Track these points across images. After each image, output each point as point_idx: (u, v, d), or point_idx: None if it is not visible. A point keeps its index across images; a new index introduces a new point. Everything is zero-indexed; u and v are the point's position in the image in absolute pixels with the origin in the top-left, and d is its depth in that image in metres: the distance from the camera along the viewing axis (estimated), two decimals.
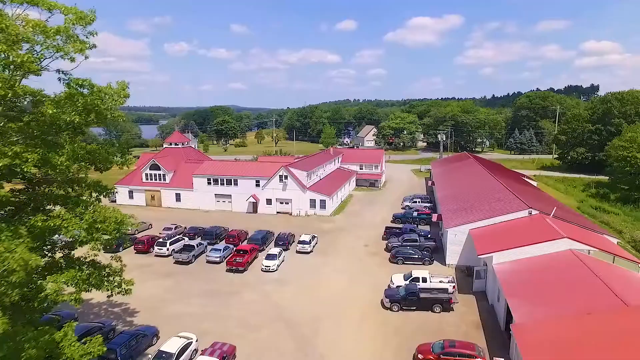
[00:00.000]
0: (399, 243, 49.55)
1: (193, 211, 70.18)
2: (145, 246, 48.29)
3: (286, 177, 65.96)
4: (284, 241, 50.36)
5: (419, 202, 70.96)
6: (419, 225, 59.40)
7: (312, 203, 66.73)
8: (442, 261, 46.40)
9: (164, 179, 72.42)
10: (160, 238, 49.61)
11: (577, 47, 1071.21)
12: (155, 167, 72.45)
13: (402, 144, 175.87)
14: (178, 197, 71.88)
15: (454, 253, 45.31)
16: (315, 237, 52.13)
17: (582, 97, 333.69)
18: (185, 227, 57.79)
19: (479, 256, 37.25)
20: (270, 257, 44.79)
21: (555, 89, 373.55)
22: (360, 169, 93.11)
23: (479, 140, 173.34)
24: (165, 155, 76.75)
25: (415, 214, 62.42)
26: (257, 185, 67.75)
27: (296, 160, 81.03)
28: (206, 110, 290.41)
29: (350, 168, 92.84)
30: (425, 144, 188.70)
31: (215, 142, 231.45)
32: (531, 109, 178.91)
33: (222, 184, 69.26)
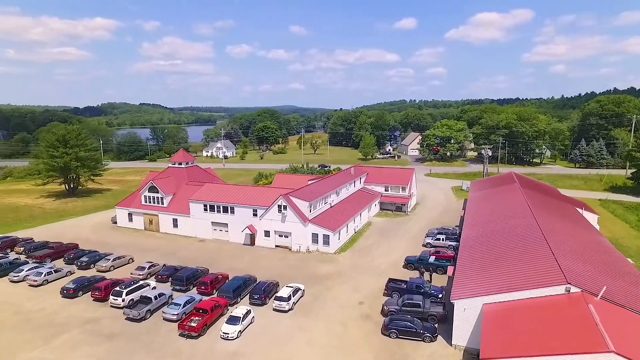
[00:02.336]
0: (397, 307, 39.66)
1: (188, 239, 64.45)
2: (102, 293, 42.55)
3: (285, 207, 57.95)
4: (260, 295, 42.35)
5: (442, 239, 59.70)
6: (432, 276, 48.76)
7: (315, 238, 58.17)
8: (449, 337, 35.91)
9: (162, 203, 67.42)
10: (121, 283, 43.59)
11: None
12: (153, 189, 67.68)
13: (448, 154, 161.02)
14: (175, 223, 66.52)
15: (462, 331, 34.72)
16: (298, 290, 43.60)
17: None
18: (164, 265, 51.79)
19: None
20: (232, 320, 37.02)
21: (637, 88, 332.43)
22: (386, 190, 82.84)
23: (537, 151, 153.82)
24: (168, 175, 71.82)
25: (432, 258, 51.55)
26: (255, 214, 60.44)
27: (310, 181, 72.91)
28: (252, 114, 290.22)
29: (374, 189, 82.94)
30: (475, 154, 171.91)
31: (257, 147, 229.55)
32: (602, 116, 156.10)
33: (219, 211, 62.77)
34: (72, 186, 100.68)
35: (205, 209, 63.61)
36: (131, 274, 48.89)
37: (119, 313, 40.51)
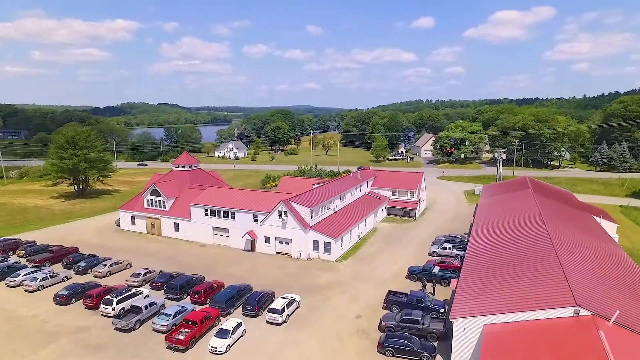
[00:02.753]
0: (395, 322, 37.68)
1: (190, 244, 63.57)
2: (94, 301, 41.75)
3: (285, 213, 56.46)
4: (253, 306, 40.92)
5: (449, 248, 57.30)
6: (435, 289, 46.48)
7: (316, 245, 56.52)
8: (449, 357, 33.77)
9: (164, 206, 66.73)
10: (112, 292, 42.72)
11: None
12: (155, 192, 67.07)
13: (462, 156, 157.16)
14: (177, 227, 65.75)
15: (462, 352, 32.55)
16: (294, 301, 41.97)
17: None
18: (160, 272, 50.85)
19: None
20: (221, 333, 35.67)
21: None
22: (393, 195, 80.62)
23: (555, 153, 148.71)
24: (171, 179, 71.17)
25: (436, 269, 49.25)
26: (255, 220, 59.14)
27: (315, 185, 71.24)
28: (265, 114, 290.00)
29: (381, 194, 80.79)
30: (491, 156, 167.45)
31: (269, 147, 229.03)
32: (625, 117, 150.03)
33: (220, 216, 61.69)
34: (81, 187, 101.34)
35: (206, 214, 62.62)
36: (126, 280, 48.09)
37: (109, 322, 39.58)
